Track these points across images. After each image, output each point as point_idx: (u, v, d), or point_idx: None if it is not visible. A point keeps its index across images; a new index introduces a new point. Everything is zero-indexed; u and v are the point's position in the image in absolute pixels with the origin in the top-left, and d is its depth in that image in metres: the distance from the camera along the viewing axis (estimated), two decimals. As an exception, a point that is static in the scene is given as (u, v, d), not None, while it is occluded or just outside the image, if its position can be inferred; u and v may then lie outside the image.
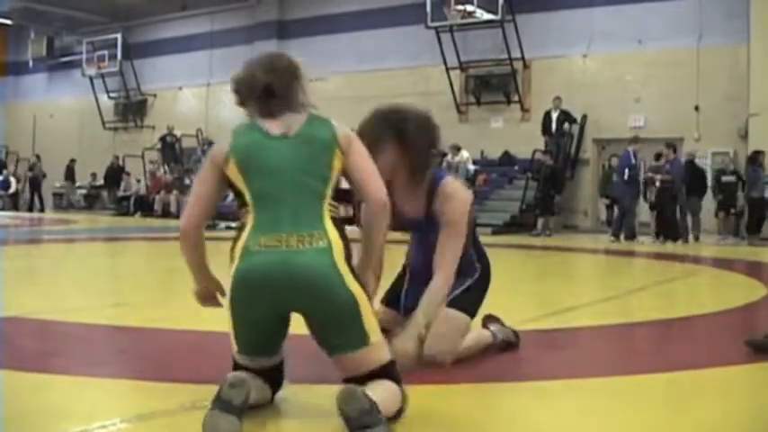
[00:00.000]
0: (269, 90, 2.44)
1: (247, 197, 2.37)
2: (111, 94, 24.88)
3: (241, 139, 2.41)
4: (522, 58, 17.32)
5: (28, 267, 7.62)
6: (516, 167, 17.20)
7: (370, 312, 2.37)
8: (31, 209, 22.85)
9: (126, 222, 17.96)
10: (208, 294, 2.58)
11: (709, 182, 14.51)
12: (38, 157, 24.09)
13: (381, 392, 2.25)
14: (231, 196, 2.58)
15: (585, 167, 17.12)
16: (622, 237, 13.40)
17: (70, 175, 24.46)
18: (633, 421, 2.48)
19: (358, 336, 2.32)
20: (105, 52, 24.15)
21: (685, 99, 15.54)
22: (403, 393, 2.36)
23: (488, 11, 16.86)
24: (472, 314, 3.18)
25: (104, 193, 23.63)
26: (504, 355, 3.32)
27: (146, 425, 2.31)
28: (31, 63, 26.85)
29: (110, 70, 24.16)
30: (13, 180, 24.55)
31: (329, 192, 2.39)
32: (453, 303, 3.12)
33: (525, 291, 6.40)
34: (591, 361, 3.51)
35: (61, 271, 7.40)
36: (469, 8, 17.02)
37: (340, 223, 2.40)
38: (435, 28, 17.38)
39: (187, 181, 20.17)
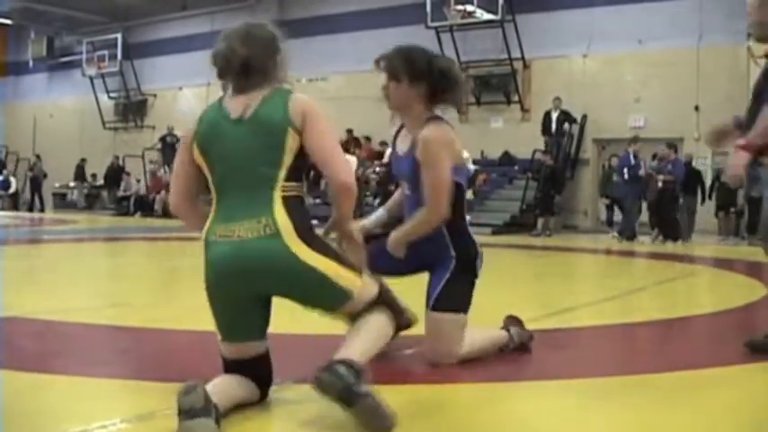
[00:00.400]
0: (246, 65, 2.42)
1: (210, 184, 2.44)
2: (112, 94, 24.87)
3: (203, 123, 2.46)
4: (522, 58, 17.32)
5: (28, 267, 7.61)
6: (516, 167, 17.20)
7: (342, 271, 2.38)
8: (31, 209, 22.85)
9: (126, 222, 17.96)
10: None
11: (708, 182, 14.52)
12: (38, 156, 24.08)
13: (365, 336, 2.37)
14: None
15: (585, 167, 17.12)
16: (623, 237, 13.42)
17: (80, 174, 24.25)
18: (633, 421, 2.48)
19: (339, 296, 2.39)
20: (105, 52, 24.15)
21: (685, 99, 15.54)
22: (394, 310, 2.49)
23: (488, 11, 16.87)
24: (463, 309, 3.08)
25: (104, 193, 23.63)
26: (504, 356, 3.31)
27: (146, 425, 2.31)
28: (31, 63, 26.85)
29: (110, 70, 24.16)
30: (13, 180, 24.55)
31: (282, 174, 2.37)
32: (437, 306, 3.05)
33: (525, 291, 6.39)
34: (591, 361, 3.51)
35: (61, 271, 7.39)
36: (469, 8, 17.03)
37: (295, 202, 2.38)
38: (435, 28, 17.38)
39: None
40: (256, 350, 2.44)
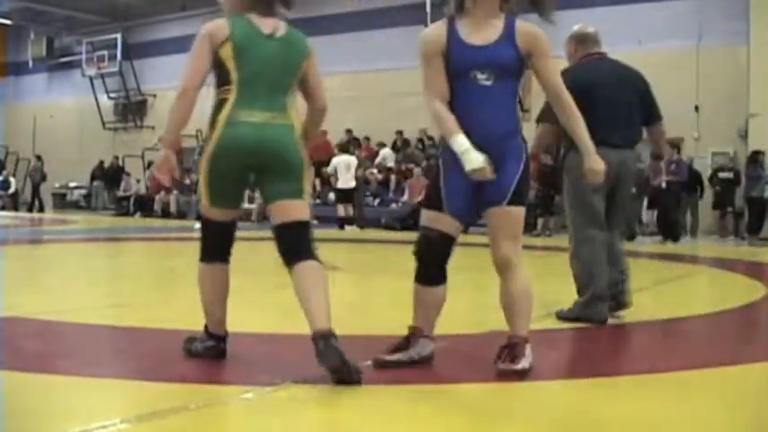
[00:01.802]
0: None
1: (233, 77, 3.00)
2: (111, 95, 24.87)
3: (239, 30, 3.03)
4: (522, 58, 17.30)
5: (28, 267, 7.62)
6: (516, 168, 17.17)
7: (310, 178, 3.11)
8: (31, 209, 22.85)
9: (126, 222, 17.96)
10: (174, 146, 3.10)
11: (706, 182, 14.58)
12: (38, 157, 24.07)
13: (323, 300, 2.79)
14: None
15: (585, 167, 17.10)
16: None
17: (101, 175, 23.80)
18: (633, 421, 2.48)
19: (297, 190, 3.01)
20: (105, 52, 24.17)
21: (685, 99, 15.53)
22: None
23: (488, 11, 16.84)
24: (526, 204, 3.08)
25: (104, 193, 23.61)
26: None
27: (146, 425, 2.31)
28: (31, 63, 26.86)
29: (109, 70, 24.17)
30: (12, 180, 24.54)
31: (294, 84, 3.09)
32: (513, 199, 2.98)
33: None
34: (591, 361, 3.51)
35: (61, 271, 7.40)
36: (469, 8, 17.00)
37: (295, 106, 3.08)
38: (435, 28, 17.36)
39: (187, 181, 20.19)
40: (236, 215, 3.16)
